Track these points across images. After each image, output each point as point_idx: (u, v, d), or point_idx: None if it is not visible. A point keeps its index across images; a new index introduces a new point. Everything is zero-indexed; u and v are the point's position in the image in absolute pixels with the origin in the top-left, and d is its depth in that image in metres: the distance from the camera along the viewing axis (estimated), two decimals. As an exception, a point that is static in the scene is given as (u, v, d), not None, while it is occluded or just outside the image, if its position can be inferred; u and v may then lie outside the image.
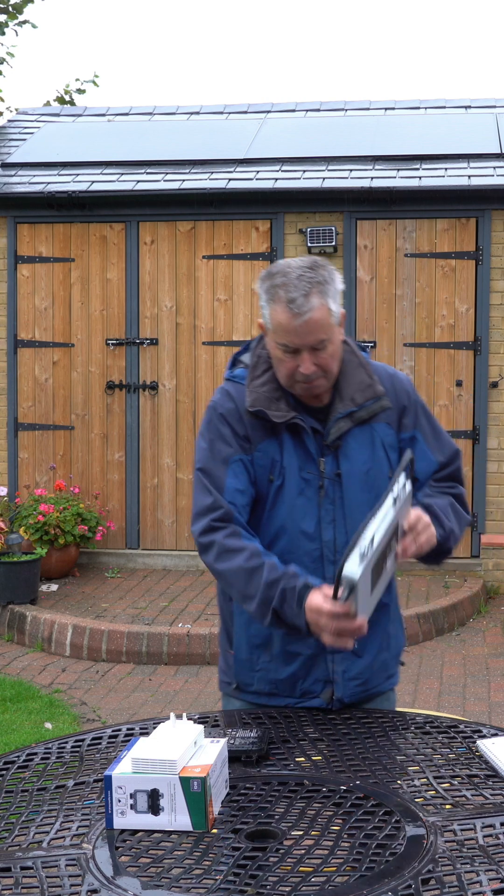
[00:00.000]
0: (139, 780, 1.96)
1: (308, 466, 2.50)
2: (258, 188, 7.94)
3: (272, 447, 2.51)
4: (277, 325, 2.42)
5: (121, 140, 9.08)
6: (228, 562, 2.43)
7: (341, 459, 2.51)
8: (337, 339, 2.47)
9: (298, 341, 2.41)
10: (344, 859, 1.83)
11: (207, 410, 2.59)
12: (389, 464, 2.55)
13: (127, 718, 5.41)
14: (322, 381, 2.47)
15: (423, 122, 9.17)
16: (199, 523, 2.50)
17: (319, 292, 2.40)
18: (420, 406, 2.64)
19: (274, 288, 2.42)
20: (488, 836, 1.89)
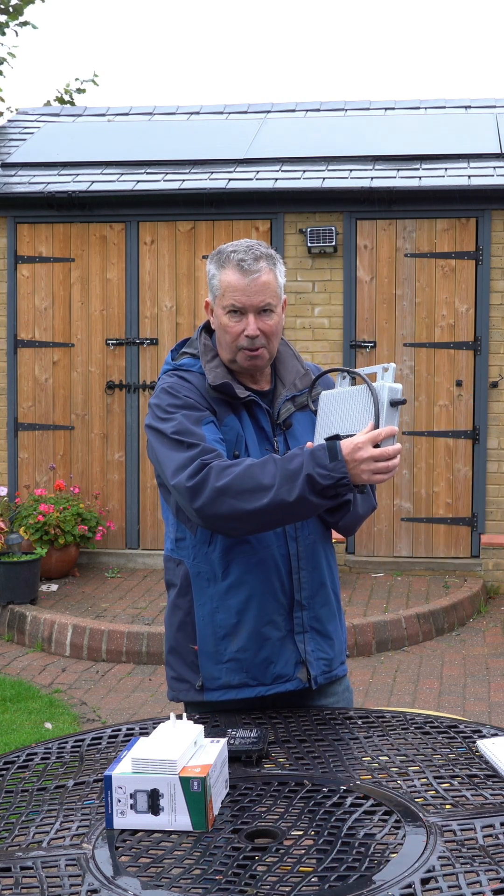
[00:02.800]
0: (139, 780, 1.96)
1: (265, 444, 2.59)
2: (258, 188, 7.94)
3: (235, 423, 2.58)
4: (227, 286, 2.53)
5: (121, 140, 9.08)
6: (231, 472, 2.37)
7: (290, 440, 2.61)
8: (279, 312, 2.58)
9: (246, 300, 2.51)
10: (344, 859, 1.83)
11: (159, 394, 2.56)
12: None
13: (127, 718, 5.41)
14: (263, 350, 2.56)
15: (423, 122, 9.17)
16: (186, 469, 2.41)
17: (269, 262, 2.55)
18: None
19: (223, 255, 2.56)
20: (488, 836, 1.89)
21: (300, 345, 7.90)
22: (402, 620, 6.62)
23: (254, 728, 2.32)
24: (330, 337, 7.89)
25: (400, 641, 6.55)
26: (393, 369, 2.46)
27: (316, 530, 2.61)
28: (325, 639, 2.62)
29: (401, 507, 7.90)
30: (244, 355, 2.56)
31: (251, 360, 2.56)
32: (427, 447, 7.89)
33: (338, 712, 2.53)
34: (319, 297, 7.91)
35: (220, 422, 2.56)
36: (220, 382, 2.56)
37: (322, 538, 2.64)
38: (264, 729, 2.33)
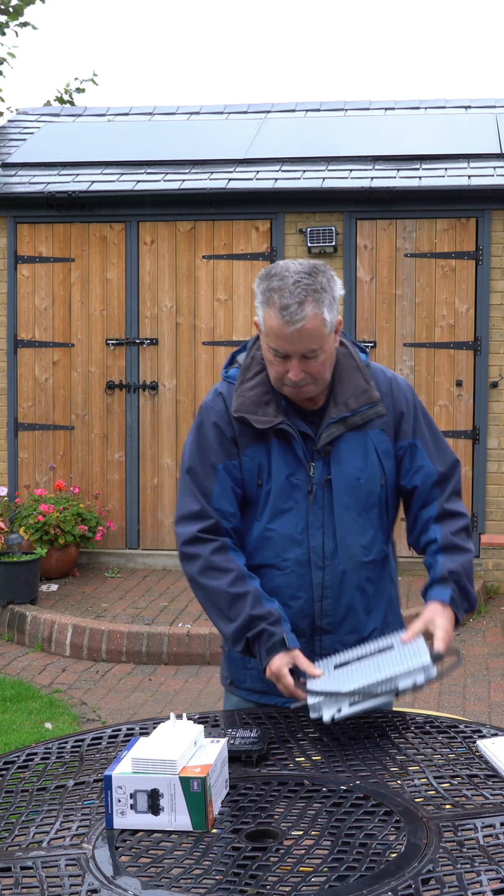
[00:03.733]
0: (139, 780, 1.96)
1: (297, 471, 2.49)
2: (258, 188, 7.94)
3: (259, 452, 2.50)
4: (269, 330, 2.39)
5: (121, 140, 9.08)
6: (213, 580, 2.46)
7: (332, 465, 2.49)
8: (329, 347, 2.43)
9: (289, 348, 2.38)
10: (344, 859, 1.83)
11: (199, 411, 2.59)
12: (383, 471, 2.53)
13: (127, 718, 5.41)
14: (311, 387, 2.44)
15: (423, 122, 9.16)
16: (186, 529, 2.52)
17: (315, 301, 2.35)
18: (420, 411, 2.59)
19: (269, 291, 2.38)
20: (488, 836, 1.89)
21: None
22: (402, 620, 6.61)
23: (254, 728, 2.32)
24: (330, 337, 7.88)
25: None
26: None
27: (349, 560, 2.52)
28: None
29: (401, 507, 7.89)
30: (289, 391, 2.46)
31: (299, 397, 2.47)
32: (427, 447, 7.88)
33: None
34: (319, 297, 7.90)
35: (242, 451, 2.51)
36: (239, 416, 2.48)
37: (356, 566, 2.54)
38: (264, 729, 2.33)
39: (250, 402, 2.49)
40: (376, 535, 2.56)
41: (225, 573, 2.46)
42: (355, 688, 2.19)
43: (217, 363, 8.02)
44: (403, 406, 2.56)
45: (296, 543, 2.50)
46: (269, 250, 7.98)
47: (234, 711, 2.58)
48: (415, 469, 2.55)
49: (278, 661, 2.37)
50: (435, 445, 2.59)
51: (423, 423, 2.58)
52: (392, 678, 2.20)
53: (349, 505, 2.50)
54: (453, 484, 2.59)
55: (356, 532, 2.52)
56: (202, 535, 2.50)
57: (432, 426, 2.62)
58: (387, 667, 2.24)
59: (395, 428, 2.54)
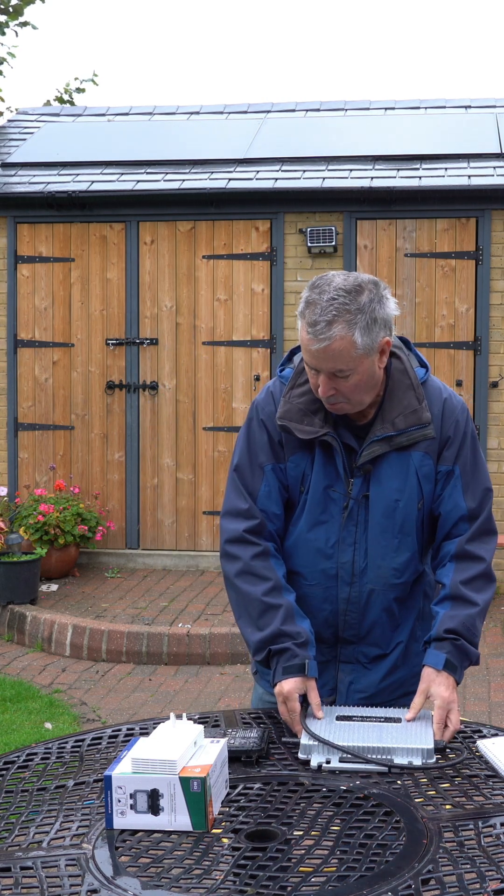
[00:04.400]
0: (139, 780, 1.96)
1: (336, 485, 2.45)
2: (258, 188, 7.94)
3: (304, 459, 2.46)
4: (301, 341, 2.35)
5: (121, 140, 9.08)
6: (249, 585, 2.44)
7: (372, 482, 2.43)
8: (365, 369, 2.33)
9: (315, 364, 2.34)
10: (344, 859, 1.83)
11: (251, 408, 2.57)
12: (421, 494, 2.46)
13: (127, 718, 5.41)
14: (344, 405, 2.38)
15: (423, 122, 9.16)
16: (231, 526, 2.50)
17: (346, 322, 2.28)
18: (469, 438, 2.50)
19: (306, 303, 2.33)
20: (488, 836, 1.89)
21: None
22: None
23: (254, 728, 2.32)
24: (330, 337, 7.88)
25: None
26: None
27: (378, 580, 2.48)
28: (371, 675, 2.53)
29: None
30: (326, 403, 2.39)
31: (333, 409, 2.40)
32: (427, 447, 7.88)
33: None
34: (319, 297, 7.90)
35: (288, 456, 2.48)
36: (282, 423, 2.45)
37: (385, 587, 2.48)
38: (264, 729, 2.33)
39: (297, 411, 2.45)
40: (412, 557, 2.49)
41: (263, 581, 2.43)
42: (351, 746, 2.19)
43: (217, 363, 8.02)
44: (452, 431, 2.47)
45: (325, 556, 2.47)
46: (269, 250, 7.98)
47: (234, 711, 2.58)
48: (446, 497, 2.48)
49: (292, 684, 2.34)
50: (473, 476, 2.50)
51: (468, 450, 2.50)
52: (389, 749, 2.19)
53: (385, 525, 2.45)
54: (482, 520, 2.49)
55: (389, 554, 2.47)
56: (247, 536, 2.47)
57: (476, 453, 2.52)
58: (389, 738, 2.23)
59: (439, 452, 2.47)
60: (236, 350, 8.05)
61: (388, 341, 2.36)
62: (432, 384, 2.51)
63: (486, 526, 2.50)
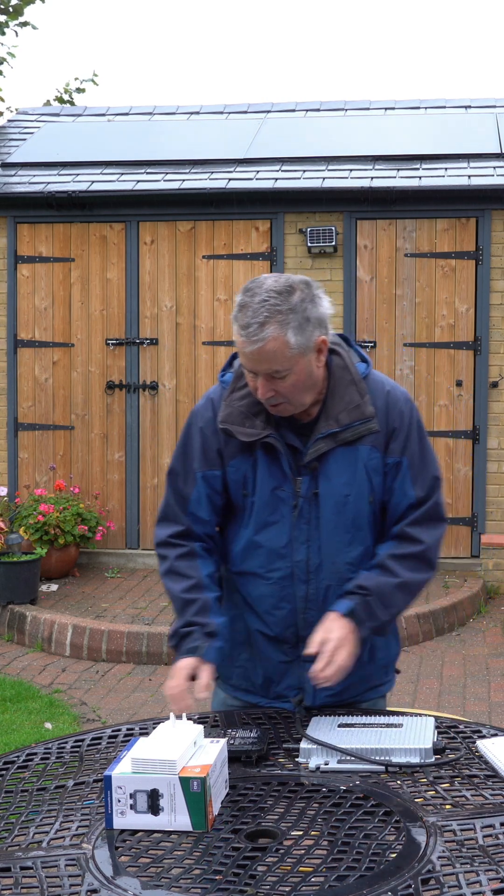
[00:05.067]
0: (139, 780, 1.96)
1: (283, 485, 2.45)
2: (258, 188, 7.94)
3: (245, 463, 2.47)
4: (236, 345, 2.37)
5: (121, 140, 9.08)
6: (172, 583, 2.51)
7: (321, 479, 2.44)
8: (301, 369, 2.34)
9: (252, 367, 2.35)
10: (344, 859, 1.83)
11: (190, 415, 2.58)
12: (371, 488, 2.47)
13: (127, 718, 5.41)
14: (286, 406, 2.39)
15: (423, 122, 9.16)
16: (159, 531, 2.58)
17: (279, 322, 2.29)
18: (415, 428, 2.52)
19: (239, 307, 2.34)
20: (488, 836, 1.89)
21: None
22: (402, 620, 6.62)
23: (254, 728, 2.32)
24: (330, 337, 7.88)
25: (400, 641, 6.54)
26: None
27: (333, 576, 2.48)
28: None
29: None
30: (267, 405, 2.41)
31: (275, 411, 2.42)
32: (427, 447, 7.88)
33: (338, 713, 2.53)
34: (319, 297, 7.90)
35: (227, 462, 2.48)
36: (224, 427, 2.46)
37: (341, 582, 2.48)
38: (264, 729, 2.33)
39: (238, 413, 2.45)
40: (365, 551, 2.51)
41: (184, 579, 2.49)
42: (350, 747, 2.20)
43: (217, 363, 8.02)
44: (397, 422, 2.48)
45: (279, 557, 2.48)
46: (269, 250, 7.98)
47: (234, 711, 2.58)
48: (396, 489, 2.49)
49: (185, 662, 2.39)
50: (421, 467, 2.52)
51: (415, 440, 2.51)
52: (388, 750, 2.20)
53: (336, 522, 2.46)
54: (428, 507, 2.51)
55: (343, 549, 2.48)
56: (172, 540, 2.53)
57: (424, 442, 2.53)
58: (388, 740, 2.24)
59: (386, 444, 2.48)
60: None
61: (323, 340, 2.38)
62: (374, 378, 2.52)
63: (432, 512, 2.53)
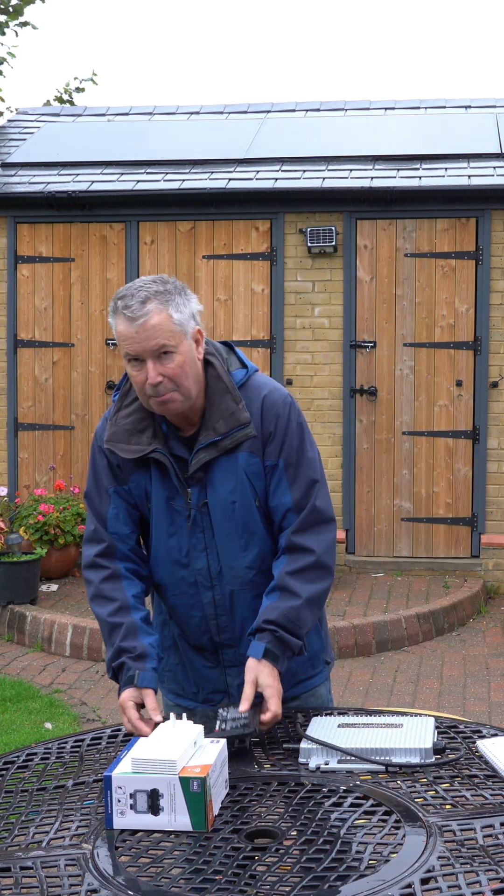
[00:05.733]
0: (139, 780, 1.96)
1: (176, 497, 2.50)
2: (258, 188, 7.94)
3: (142, 477, 2.52)
4: (119, 336, 2.39)
5: (121, 140, 9.08)
6: (98, 607, 2.56)
7: (208, 489, 2.48)
8: (186, 350, 2.39)
9: (138, 348, 2.36)
10: (343, 859, 1.83)
11: (94, 436, 2.62)
12: (255, 493, 2.50)
13: (127, 718, 5.41)
14: (175, 394, 2.40)
15: (423, 122, 9.16)
16: (85, 552, 2.61)
17: (159, 301, 2.36)
18: (292, 430, 2.51)
19: (115, 300, 2.40)
20: (488, 836, 1.89)
21: (300, 345, 7.90)
22: (402, 620, 6.62)
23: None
24: (330, 337, 7.89)
25: (400, 641, 6.55)
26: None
27: (234, 580, 2.53)
28: None
29: (401, 507, 7.90)
30: (154, 402, 2.42)
31: (163, 406, 2.41)
32: (427, 447, 7.88)
33: (337, 713, 2.53)
34: (319, 297, 7.91)
35: (128, 476, 2.53)
36: (108, 446, 2.51)
37: (243, 586, 2.53)
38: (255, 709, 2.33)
39: (123, 431, 2.50)
40: (261, 552, 2.53)
41: (110, 602, 2.52)
42: (350, 747, 2.20)
43: (217, 363, 8.01)
44: (273, 426, 2.49)
45: (182, 566, 2.54)
46: (269, 250, 7.98)
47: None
48: (272, 491, 2.51)
49: (126, 695, 2.41)
50: (298, 468, 2.51)
51: (292, 442, 2.51)
52: (388, 750, 2.20)
53: (228, 528, 2.50)
54: (309, 511, 2.50)
55: (238, 554, 2.52)
56: (98, 561, 2.56)
57: (303, 445, 2.53)
58: (388, 740, 2.24)
59: (263, 448, 2.49)
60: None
61: (199, 330, 2.44)
62: (253, 383, 2.54)
63: (315, 517, 2.51)
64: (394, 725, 2.32)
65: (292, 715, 2.50)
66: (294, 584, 2.45)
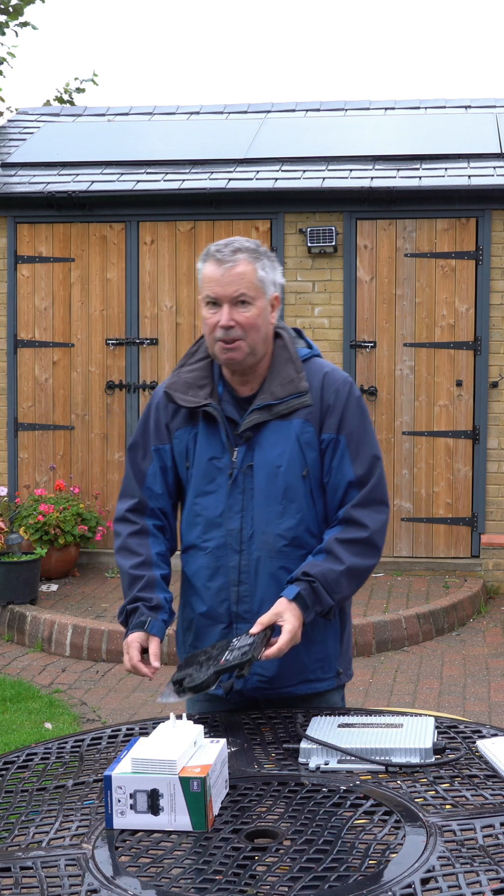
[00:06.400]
0: (139, 780, 1.96)
1: (221, 455, 2.56)
2: (258, 188, 7.94)
3: (187, 434, 2.60)
4: (204, 279, 2.52)
5: (121, 140, 9.08)
6: (122, 559, 2.67)
7: (256, 450, 2.54)
8: (262, 306, 2.52)
9: (220, 290, 2.48)
10: (344, 859, 1.83)
11: (152, 396, 2.71)
12: (304, 462, 2.53)
13: (127, 718, 5.41)
14: (242, 343, 2.50)
15: (423, 122, 9.16)
16: (118, 506, 2.73)
17: (249, 255, 2.51)
18: (353, 407, 2.57)
19: (207, 249, 2.55)
20: (488, 836, 1.89)
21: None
22: (402, 620, 6.62)
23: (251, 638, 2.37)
24: (330, 337, 7.89)
25: (400, 641, 6.55)
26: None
27: (264, 546, 2.54)
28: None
29: (401, 507, 7.90)
30: (220, 347, 2.51)
31: (227, 353, 2.51)
32: (427, 447, 7.88)
33: (337, 713, 2.53)
34: (319, 297, 7.91)
35: (172, 435, 2.60)
36: (167, 393, 2.60)
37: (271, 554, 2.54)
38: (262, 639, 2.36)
39: (183, 383, 2.61)
40: (298, 525, 2.55)
41: (134, 556, 2.63)
42: (350, 747, 2.20)
43: (217, 363, 8.01)
44: (332, 399, 2.56)
45: (215, 526, 2.57)
46: (270, 250, 7.97)
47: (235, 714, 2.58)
48: (335, 468, 2.54)
49: (133, 636, 2.54)
50: (360, 444, 2.55)
51: (352, 418, 2.56)
52: (388, 750, 2.20)
53: (268, 492, 2.54)
54: (371, 487, 2.54)
55: (273, 520, 2.54)
56: (128, 515, 2.68)
57: (364, 422, 2.58)
58: (388, 740, 2.24)
59: (321, 420, 2.55)
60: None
61: (277, 297, 2.58)
62: (316, 362, 2.65)
63: (375, 495, 2.56)
64: (394, 725, 2.32)
65: (292, 715, 2.50)
66: (340, 551, 2.49)
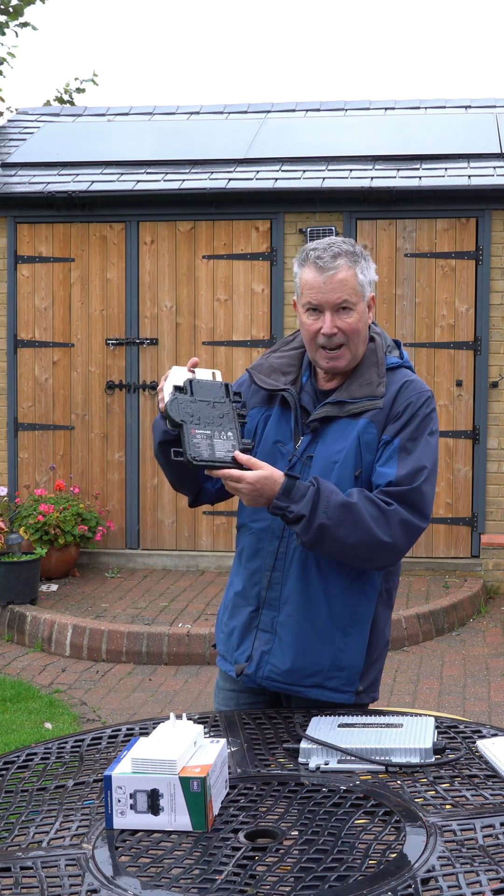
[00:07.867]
0: (139, 780, 1.96)
1: (286, 441, 2.59)
2: (258, 188, 7.94)
3: (259, 415, 2.64)
4: (304, 284, 2.53)
5: (121, 140, 9.08)
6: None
7: (319, 443, 2.56)
8: (362, 310, 2.53)
9: (322, 298, 2.50)
10: (344, 859, 1.83)
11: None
12: (360, 462, 2.51)
13: (127, 718, 5.41)
14: (345, 350, 2.53)
15: (423, 122, 9.16)
16: None
17: (349, 259, 2.51)
18: (419, 419, 2.53)
19: (305, 253, 2.55)
20: (488, 836, 1.89)
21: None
22: (402, 620, 6.62)
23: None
24: (330, 337, 7.88)
25: (400, 641, 6.55)
26: None
27: None
28: (285, 648, 2.56)
29: (401, 507, 7.89)
30: (323, 356, 2.54)
31: (331, 362, 2.55)
32: (427, 447, 7.88)
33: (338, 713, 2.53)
34: (319, 297, 7.90)
35: (248, 409, 2.64)
36: (251, 369, 2.66)
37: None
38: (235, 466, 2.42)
39: (268, 367, 2.66)
40: None
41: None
42: (350, 747, 2.20)
43: (217, 363, 8.01)
44: (403, 407, 2.54)
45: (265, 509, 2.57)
46: (269, 250, 7.98)
47: (234, 712, 2.58)
48: (379, 465, 2.52)
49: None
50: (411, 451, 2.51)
51: (414, 429, 2.52)
52: (388, 750, 2.20)
53: None
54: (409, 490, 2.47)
55: None
56: None
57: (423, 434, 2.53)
58: (388, 740, 2.24)
59: (385, 423, 2.53)
60: (236, 350, 8.05)
61: (373, 297, 2.59)
62: (403, 372, 2.63)
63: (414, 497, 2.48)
64: (394, 725, 2.32)
65: (292, 715, 2.50)
66: (359, 499, 2.44)
